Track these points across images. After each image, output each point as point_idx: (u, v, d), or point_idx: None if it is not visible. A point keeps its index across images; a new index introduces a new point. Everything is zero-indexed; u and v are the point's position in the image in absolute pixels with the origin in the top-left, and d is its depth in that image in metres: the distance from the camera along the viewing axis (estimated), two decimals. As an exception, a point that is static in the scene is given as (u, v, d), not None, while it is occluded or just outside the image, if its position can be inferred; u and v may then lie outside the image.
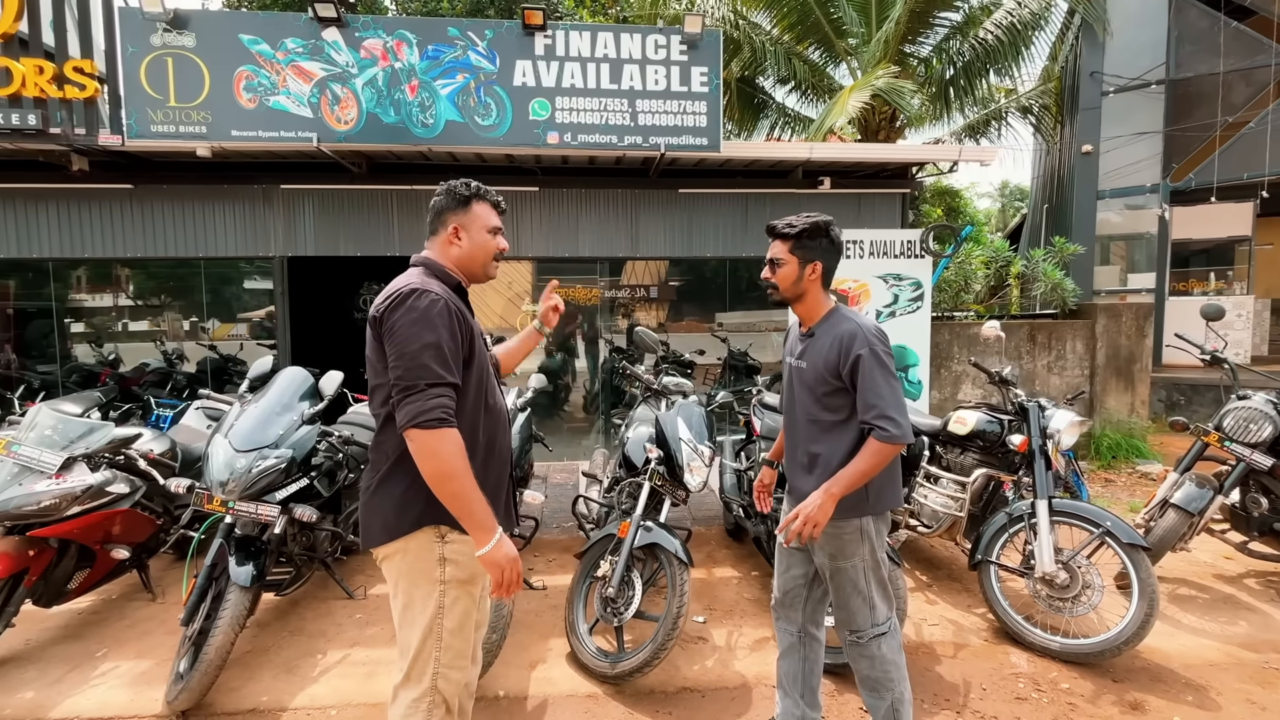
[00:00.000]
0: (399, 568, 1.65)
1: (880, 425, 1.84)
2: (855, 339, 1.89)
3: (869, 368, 1.86)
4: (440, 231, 1.75)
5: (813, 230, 1.97)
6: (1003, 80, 9.91)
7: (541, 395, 7.11)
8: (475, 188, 1.77)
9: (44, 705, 2.48)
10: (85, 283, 6.30)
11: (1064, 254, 6.84)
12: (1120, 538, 2.72)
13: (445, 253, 1.75)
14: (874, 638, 2.02)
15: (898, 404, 1.86)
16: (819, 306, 2.03)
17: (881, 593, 2.03)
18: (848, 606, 2.02)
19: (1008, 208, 26.17)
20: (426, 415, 1.50)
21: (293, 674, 2.69)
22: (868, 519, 1.97)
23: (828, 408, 1.96)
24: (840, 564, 1.99)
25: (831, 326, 1.98)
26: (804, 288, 2.00)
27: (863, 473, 1.87)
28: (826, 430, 1.97)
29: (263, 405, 2.71)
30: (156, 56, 4.56)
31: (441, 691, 1.65)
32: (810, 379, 1.98)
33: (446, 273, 1.71)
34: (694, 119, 5.04)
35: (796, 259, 1.98)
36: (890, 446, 1.86)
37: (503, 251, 1.83)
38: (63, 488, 2.57)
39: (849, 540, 1.97)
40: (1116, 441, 6.42)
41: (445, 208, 1.75)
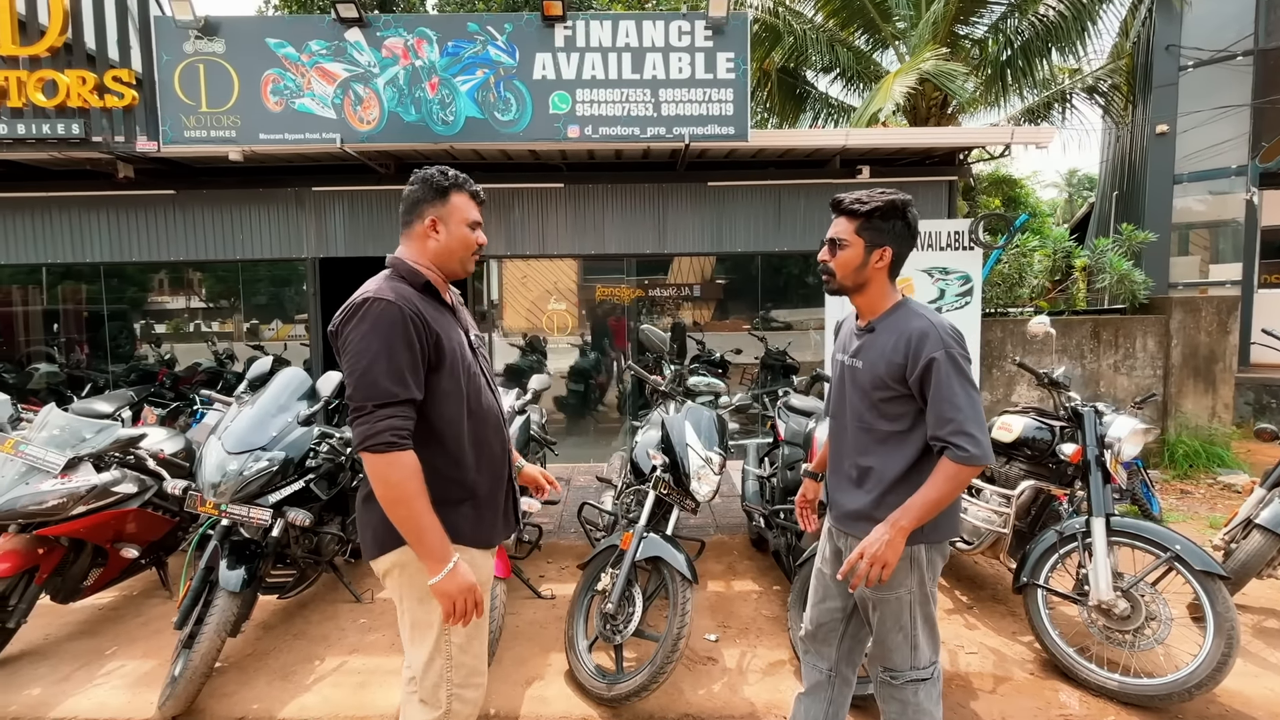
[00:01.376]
0: (399, 583, 1.58)
1: (958, 444, 1.55)
2: (927, 339, 1.60)
3: (945, 375, 1.57)
4: (415, 224, 1.62)
5: (887, 209, 1.66)
6: (1066, 59, 9.23)
7: (572, 395, 7.09)
8: (454, 177, 1.63)
9: (47, 703, 2.50)
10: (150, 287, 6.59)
11: (1133, 243, 6.26)
12: (1192, 563, 2.37)
13: (421, 248, 1.62)
14: (911, 682, 1.76)
15: (977, 419, 1.57)
16: (884, 299, 1.73)
17: (928, 633, 1.77)
18: (886, 643, 1.76)
19: (1075, 197, 24.67)
20: (374, 439, 1.42)
21: (287, 680, 2.63)
22: (921, 548, 1.70)
23: (885, 415, 1.69)
24: (884, 595, 1.71)
25: (898, 322, 1.68)
26: (867, 276, 1.70)
27: (937, 501, 1.59)
28: (882, 441, 1.70)
29: (258, 407, 2.67)
30: (189, 63, 4.67)
31: (458, 714, 1.59)
32: (866, 381, 1.71)
33: (416, 272, 1.58)
34: (720, 108, 4.82)
35: (863, 241, 1.68)
36: (968, 469, 1.57)
37: (481, 246, 1.69)
38: (67, 487, 2.58)
39: (897, 569, 1.68)
40: (1194, 449, 5.83)
41: (421, 199, 1.61)
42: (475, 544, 1.61)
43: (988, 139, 5.48)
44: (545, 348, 6.87)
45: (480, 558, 1.63)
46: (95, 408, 4.01)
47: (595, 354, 6.85)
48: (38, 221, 5.65)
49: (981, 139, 5.52)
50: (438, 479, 1.53)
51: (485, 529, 1.64)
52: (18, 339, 6.73)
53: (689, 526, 4.27)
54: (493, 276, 6.56)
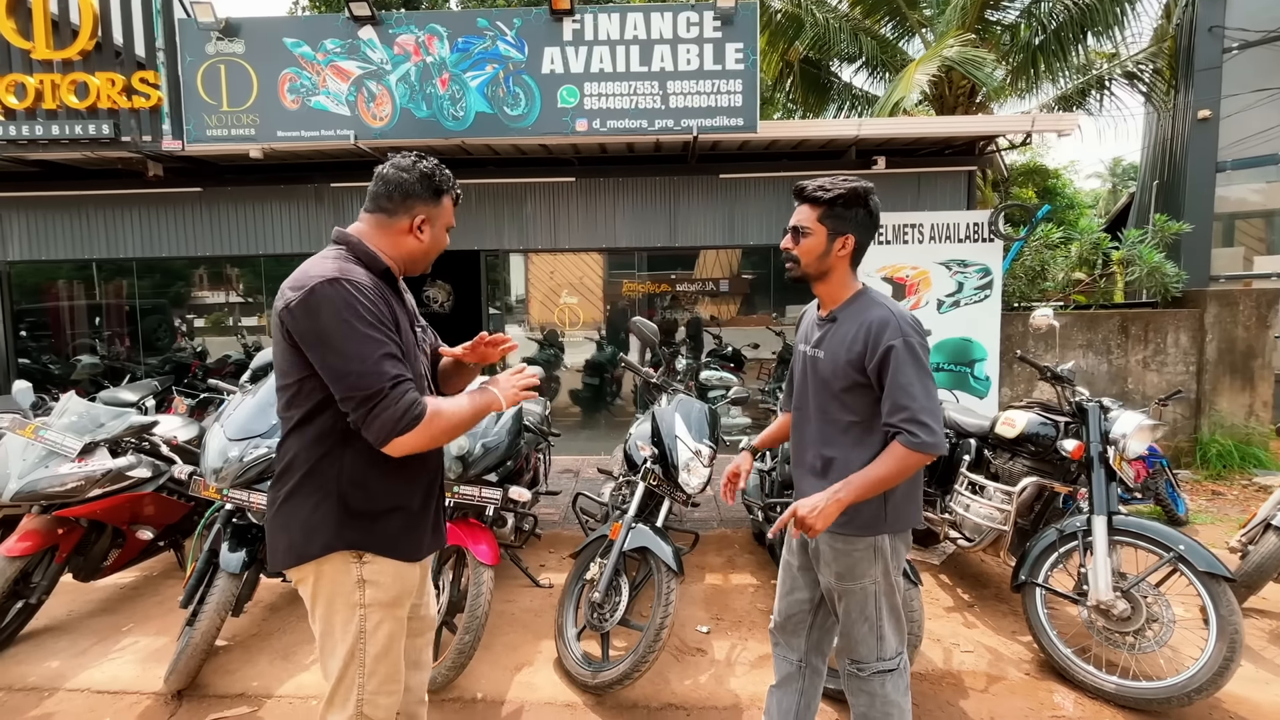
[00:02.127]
0: (313, 591, 1.48)
1: (909, 429, 1.56)
2: (887, 327, 1.60)
3: (900, 361, 1.58)
4: (399, 216, 1.50)
5: (849, 197, 1.65)
6: (1102, 44, 8.88)
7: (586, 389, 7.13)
8: (448, 178, 1.55)
9: (64, 675, 2.63)
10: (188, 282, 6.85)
11: (1166, 234, 6.02)
12: (1195, 564, 2.28)
13: (394, 242, 1.51)
14: (878, 673, 1.75)
15: (931, 408, 1.57)
16: (845, 288, 1.74)
17: (894, 623, 1.76)
18: (852, 634, 1.77)
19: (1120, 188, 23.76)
20: (407, 419, 1.34)
21: (287, 660, 2.73)
22: (884, 537, 1.70)
23: (846, 406, 1.69)
24: (849, 585, 1.73)
25: (858, 312, 1.69)
26: (830, 264, 1.70)
27: (881, 479, 1.59)
28: (844, 431, 1.70)
29: (260, 395, 2.75)
30: (211, 64, 4.82)
31: (369, 717, 1.52)
32: (828, 371, 1.71)
33: (375, 258, 1.47)
34: (728, 98, 4.78)
35: (825, 229, 1.68)
36: (916, 455, 1.57)
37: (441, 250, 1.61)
38: (84, 470, 2.71)
39: (860, 558, 1.70)
40: (1228, 449, 5.58)
41: (414, 193, 1.50)
42: (401, 557, 1.51)
43: (1007, 126, 5.32)
44: (561, 341, 6.93)
45: (406, 570, 1.53)
46: (121, 396, 4.20)
47: (611, 348, 6.88)
48: (75, 219, 5.91)
49: (1001, 126, 5.36)
50: (367, 487, 1.45)
51: (412, 542, 1.54)
52: (64, 332, 7.07)
53: (691, 519, 4.27)
54: (515, 270, 6.65)
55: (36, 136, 4.84)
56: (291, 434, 1.47)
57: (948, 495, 3.22)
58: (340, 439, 1.43)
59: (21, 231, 5.89)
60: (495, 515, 2.87)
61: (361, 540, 1.46)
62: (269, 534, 1.51)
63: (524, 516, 3.17)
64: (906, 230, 5.48)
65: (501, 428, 2.83)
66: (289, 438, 1.48)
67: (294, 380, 1.42)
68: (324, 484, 1.43)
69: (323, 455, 1.43)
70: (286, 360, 1.42)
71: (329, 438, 1.44)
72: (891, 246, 5.48)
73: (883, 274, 5.51)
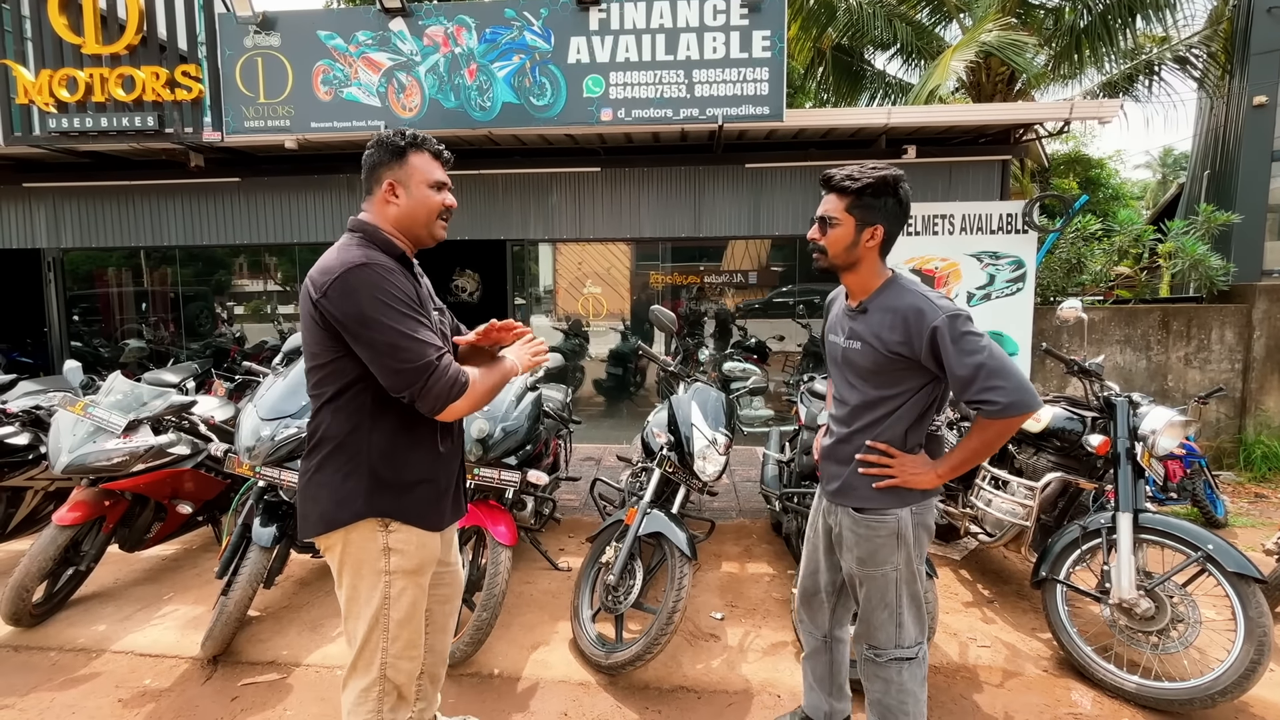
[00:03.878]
0: (340, 558, 1.57)
1: (984, 400, 1.55)
2: (924, 314, 1.61)
3: (949, 339, 1.57)
4: (375, 190, 1.57)
5: (878, 186, 1.64)
6: (1151, 27, 8.52)
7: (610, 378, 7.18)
8: (411, 136, 1.58)
9: (110, 638, 2.79)
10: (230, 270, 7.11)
11: (1213, 225, 5.77)
12: (1224, 564, 2.22)
13: (383, 214, 1.57)
14: (895, 660, 1.77)
15: (996, 368, 1.54)
16: (875, 277, 1.73)
17: (914, 611, 1.78)
18: (871, 619, 1.79)
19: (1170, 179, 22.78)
20: (458, 386, 1.47)
21: (315, 631, 2.84)
22: (906, 521, 1.72)
23: (881, 394, 1.71)
24: (870, 571, 1.75)
25: (890, 300, 1.69)
26: (859, 255, 1.70)
27: (974, 451, 1.65)
28: (877, 420, 1.73)
29: (290, 377, 2.85)
30: (249, 57, 4.96)
31: (392, 680, 1.60)
32: (866, 361, 1.71)
33: (390, 242, 1.55)
34: (755, 87, 4.74)
35: (854, 219, 1.67)
36: (1005, 420, 1.57)
37: (449, 209, 1.63)
38: (128, 446, 2.85)
39: (883, 544, 1.73)
40: (1274, 450, 5.37)
41: (378, 162, 1.57)
42: (427, 526, 1.60)
43: (1044, 114, 5.16)
44: (586, 331, 6.99)
45: (429, 538, 1.62)
46: (164, 377, 4.38)
47: (635, 338, 6.92)
48: (122, 208, 6.16)
49: (1037, 114, 5.20)
50: (395, 459, 1.53)
51: (437, 512, 1.64)
52: (114, 317, 7.39)
53: (710, 509, 4.29)
54: (543, 260, 6.72)
55: (87, 129, 5.05)
56: (322, 410, 1.56)
57: (970, 490, 3.18)
58: (369, 414, 1.51)
59: (73, 220, 6.16)
60: (515, 498, 2.94)
61: (391, 509, 1.54)
62: (300, 504, 1.59)
63: (543, 501, 3.23)
64: (936, 221, 5.37)
65: (521, 412, 2.89)
66: (320, 414, 1.56)
67: (327, 361, 1.51)
68: (354, 456, 1.51)
69: (352, 430, 1.52)
70: (318, 343, 1.51)
71: (358, 414, 1.52)
72: (920, 238, 5.38)
73: (911, 265, 5.41)
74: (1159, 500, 4.05)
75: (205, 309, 7.35)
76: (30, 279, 6.83)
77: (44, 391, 3.48)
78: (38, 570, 2.75)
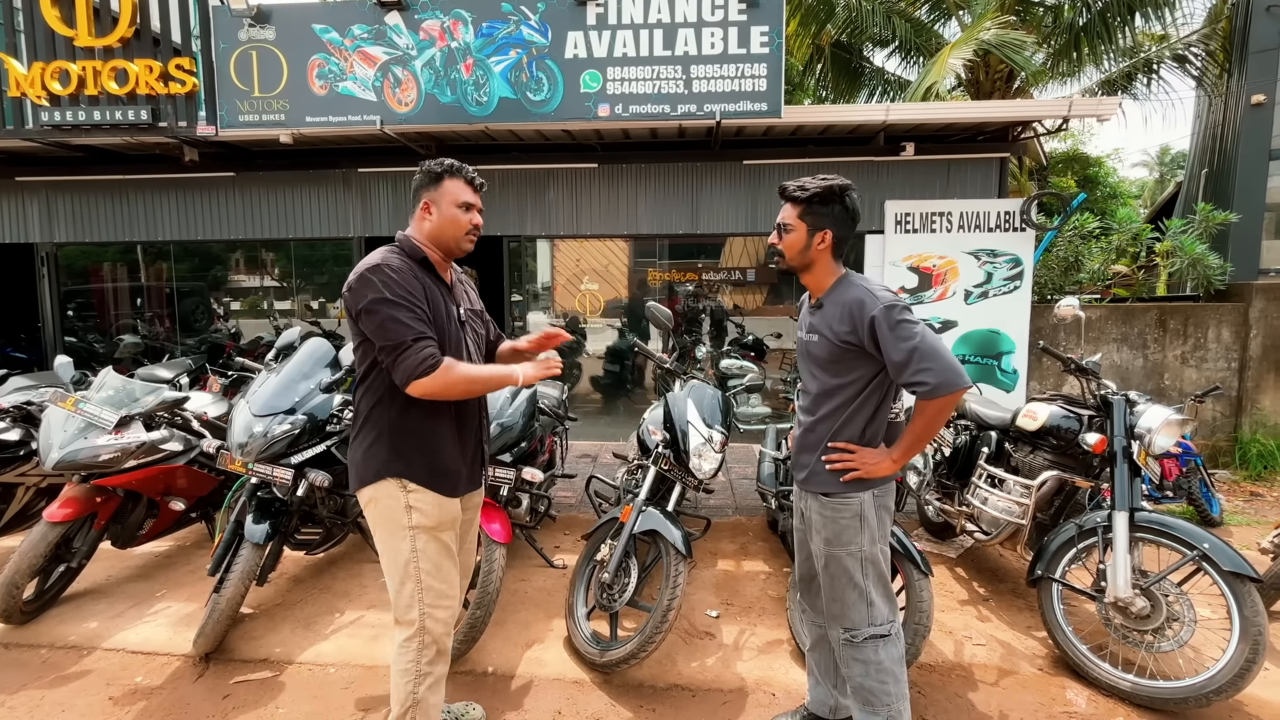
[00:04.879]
0: (373, 516, 1.82)
1: (914, 382, 1.69)
2: (864, 305, 1.75)
3: (885, 327, 1.71)
4: (416, 207, 1.86)
5: (824, 195, 1.80)
6: (1151, 25, 8.51)
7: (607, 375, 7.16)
8: (448, 165, 1.84)
9: (101, 635, 2.77)
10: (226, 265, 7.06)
11: (1211, 224, 5.77)
12: (1220, 563, 2.22)
13: (419, 228, 1.86)
14: (871, 638, 1.85)
15: (926, 350, 1.68)
16: (828, 276, 1.89)
17: (882, 591, 1.88)
18: (842, 599, 1.88)
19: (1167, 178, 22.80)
20: (421, 365, 1.66)
21: (309, 629, 2.83)
22: (868, 503, 1.83)
23: (837, 382, 1.85)
24: (836, 550, 1.86)
25: (839, 295, 1.84)
26: (811, 257, 1.87)
27: (919, 434, 1.77)
28: (838, 408, 1.85)
29: (284, 374, 2.84)
30: (243, 50, 4.92)
31: (431, 631, 1.79)
32: (822, 352, 1.86)
33: (415, 247, 1.83)
34: (753, 83, 4.72)
35: (805, 225, 1.84)
36: (939, 400, 1.69)
37: (476, 227, 1.88)
38: (119, 442, 2.83)
39: (846, 525, 1.84)
40: (1270, 449, 5.38)
41: (419, 185, 1.86)
42: (438, 490, 1.81)
43: (1043, 111, 5.14)
44: (583, 328, 6.96)
45: (446, 501, 1.83)
46: (157, 373, 4.36)
47: (632, 335, 6.90)
48: (116, 203, 6.11)
49: (1036, 111, 5.18)
50: (408, 430, 1.77)
51: (449, 479, 1.84)
52: (109, 312, 7.35)
53: (706, 506, 4.28)
54: (541, 256, 6.69)
55: (80, 122, 5.01)
56: (359, 389, 1.84)
57: (966, 488, 3.18)
58: (387, 392, 1.77)
59: (66, 215, 6.12)
60: (510, 495, 2.92)
61: (404, 471, 1.78)
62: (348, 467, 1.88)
63: (538, 498, 3.21)
64: (934, 219, 5.36)
65: (516, 409, 2.87)
66: (357, 393, 1.85)
67: (357, 345, 1.80)
68: (377, 425, 1.80)
69: (375, 403, 1.80)
70: (353, 331, 1.80)
71: (378, 390, 1.79)
72: (919, 235, 5.37)
73: (909, 263, 5.41)
74: (1155, 499, 4.05)
75: (201, 304, 7.31)
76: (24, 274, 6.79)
77: (35, 387, 3.45)
78: (28, 567, 2.73)
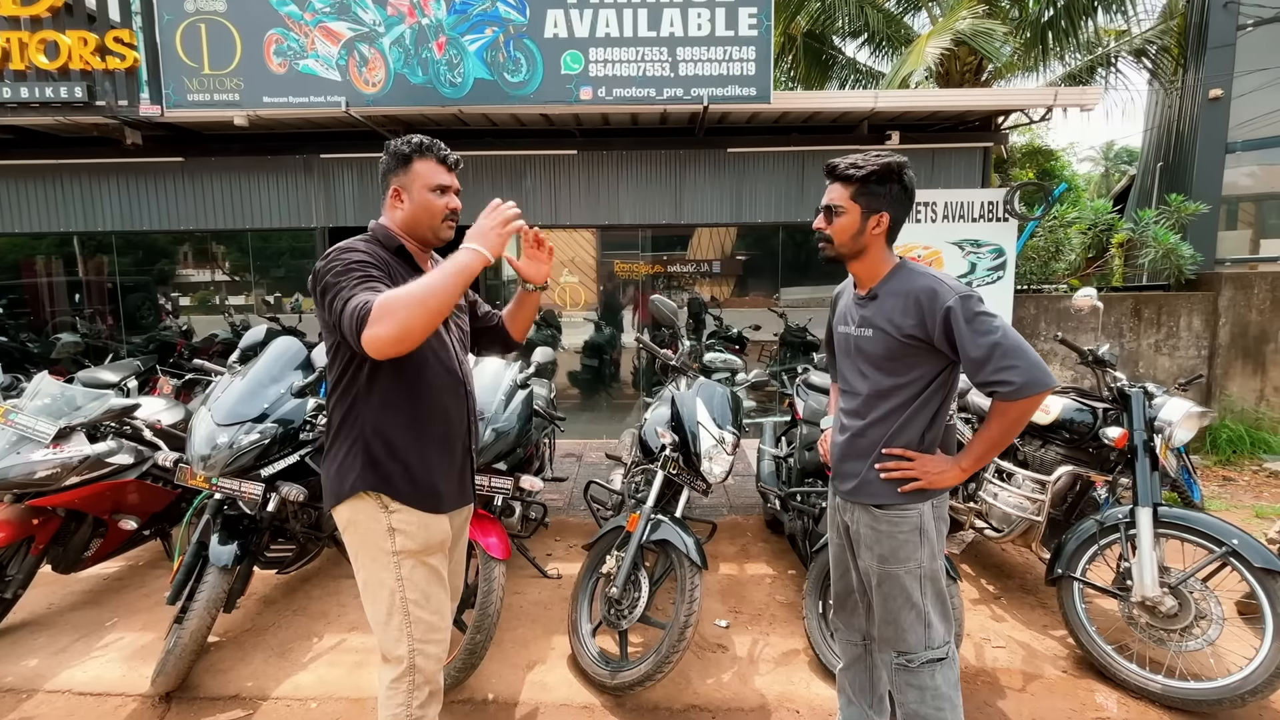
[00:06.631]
0: (352, 541, 1.62)
1: (999, 381, 1.50)
2: (936, 295, 1.56)
3: (963, 320, 1.52)
4: (385, 193, 1.64)
5: (883, 173, 1.61)
6: (1113, 19, 8.68)
7: (586, 370, 6.95)
8: (417, 143, 1.60)
9: (43, 675, 2.46)
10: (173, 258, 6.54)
11: (1182, 215, 5.88)
12: (1251, 559, 2.16)
13: (391, 217, 1.63)
14: (928, 663, 1.69)
15: (1010, 347, 1.50)
16: (882, 264, 1.69)
17: (940, 609, 1.71)
18: (898, 622, 1.70)
19: (1112, 172, 23.65)
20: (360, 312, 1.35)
21: (284, 658, 2.57)
22: (927, 515, 1.66)
23: (897, 383, 1.65)
24: (892, 569, 1.67)
25: (901, 284, 1.64)
26: (865, 242, 1.66)
27: (993, 440, 1.60)
28: (894, 411, 1.66)
29: (249, 378, 2.55)
30: (190, 23, 4.52)
31: (422, 670, 1.59)
32: (880, 349, 1.65)
33: (390, 235, 1.62)
34: (741, 66, 4.55)
35: (859, 207, 1.63)
36: (1022, 403, 1.52)
37: (454, 212, 1.64)
38: (59, 457, 2.51)
39: (905, 540, 1.66)
40: (1239, 434, 5.52)
41: (387, 169, 1.62)
42: (422, 507, 1.59)
43: (1029, 100, 5.13)
44: (560, 321, 6.73)
45: (432, 520, 1.62)
46: (101, 376, 3.96)
47: (610, 329, 6.69)
48: (49, 189, 5.60)
49: (1022, 100, 5.17)
50: (385, 437, 1.56)
51: (433, 493, 1.62)
52: (44, 309, 6.76)
53: (701, 506, 4.13)
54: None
55: (5, 100, 4.53)
56: (331, 397, 1.62)
57: (974, 483, 3.10)
58: (361, 393, 1.57)
59: (-8, 202, 5.58)
60: (503, 504, 2.71)
61: (382, 485, 1.56)
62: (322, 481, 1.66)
63: (531, 505, 3.01)
64: (919, 209, 5.30)
65: (512, 413, 2.65)
66: (330, 400, 1.63)
67: (329, 346, 1.58)
68: (352, 433, 1.58)
69: (349, 410, 1.58)
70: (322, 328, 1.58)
71: (350, 393, 1.58)
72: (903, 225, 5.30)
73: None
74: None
75: (148, 300, 6.79)
76: (-57, 268, 6.19)
77: (-43, 395, 3.07)
78: (-49, 601, 2.40)
